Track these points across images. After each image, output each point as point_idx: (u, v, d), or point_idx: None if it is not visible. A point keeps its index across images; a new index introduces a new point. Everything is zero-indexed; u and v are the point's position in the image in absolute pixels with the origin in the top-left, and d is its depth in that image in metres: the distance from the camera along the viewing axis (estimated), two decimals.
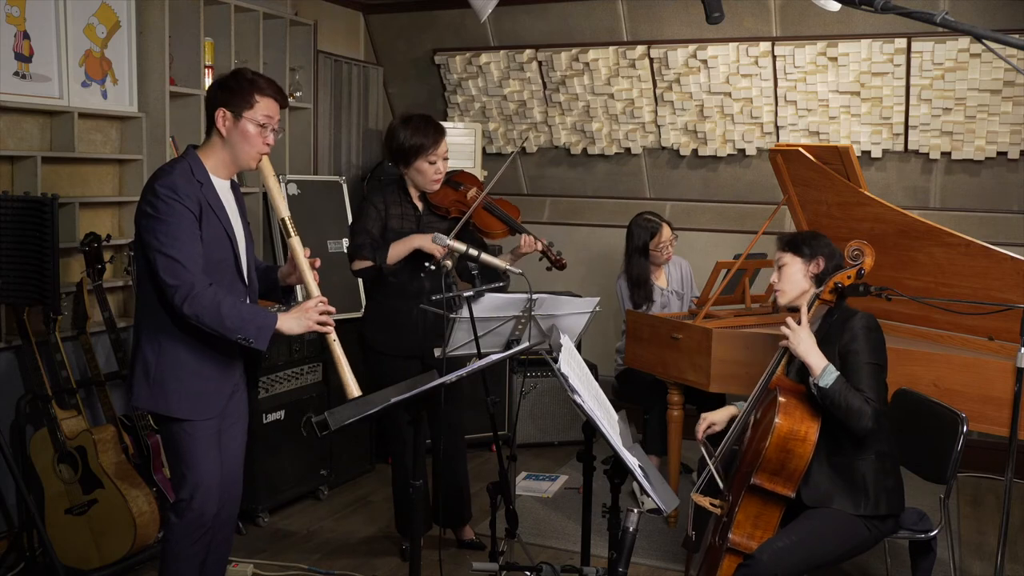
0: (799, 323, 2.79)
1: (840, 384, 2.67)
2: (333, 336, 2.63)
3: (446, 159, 3.48)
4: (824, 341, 2.80)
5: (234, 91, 2.62)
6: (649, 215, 4.56)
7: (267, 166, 2.70)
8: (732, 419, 3.08)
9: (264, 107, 2.63)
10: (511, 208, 3.57)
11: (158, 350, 2.63)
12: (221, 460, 2.75)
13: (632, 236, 4.53)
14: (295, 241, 2.68)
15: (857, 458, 2.77)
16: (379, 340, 3.53)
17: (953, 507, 4.16)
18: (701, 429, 3.03)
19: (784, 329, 2.81)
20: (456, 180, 3.59)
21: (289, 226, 2.67)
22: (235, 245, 2.69)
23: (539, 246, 3.42)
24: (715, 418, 3.06)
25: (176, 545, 2.69)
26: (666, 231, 4.50)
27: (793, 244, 2.94)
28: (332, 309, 2.65)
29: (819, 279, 2.89)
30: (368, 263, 3.42)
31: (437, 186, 3.49)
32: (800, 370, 2.87)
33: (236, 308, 2.54)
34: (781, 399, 2.72)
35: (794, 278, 2.92)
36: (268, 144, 2.67)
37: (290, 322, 2.61)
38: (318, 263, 2.72)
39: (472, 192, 3.52)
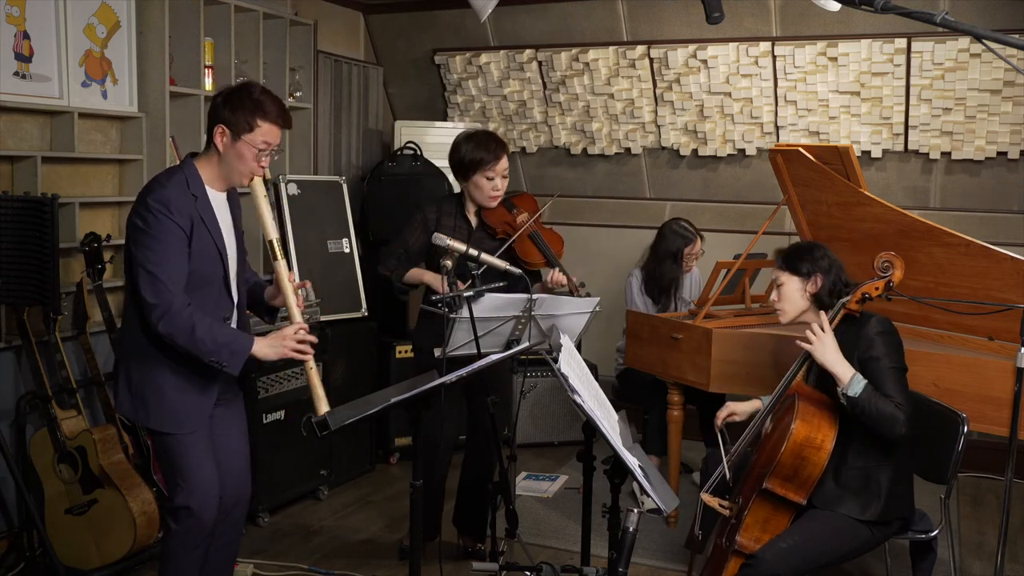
0: (823, 330, 2.75)
1: (869, 392, 2.65)
2: (311, 364, 2.65)
3: (505, 177, 3.49)
4: (841, 348, 2.77)
5: (237, 110, 2.57)
6: (687, 223, 4.59)
7: (259, 186, 2.66)
8: (755, 413, 3.05)
9: (265, 133, 2.59)
10: (555, 238, 3.59)
11: (140, 362, 2.63)
12: (223, 463, 2.74)
13: (666, 239, 4.56)
14: (280, 264, 2.66)
15: (875, 464, 2.76)
16: (420, 339, 3.60)
17: (953, 507, 4.15)
18: (722, 416, 3.02)
19: (809, 334, 2.76)
20: (513, 201, 3.62)
21: (276, 248, 2.64)
22: (225, 260, 2.66)
23: (564, 281, 3.41)
24: (738, 408, 3.05)
25: (175, 551, 2.68)
26: (698, 244, 4.54)
27: (790, 262, 2.90)
28: (312, 338, 2.64)
29: (818, 297, 2.86)
30: (387, 273, 3.54)
31: (494, 203, 3.51)
32: (820, 377, 2.85)
33: (210, 331, 2.51)
34: (799, 405, 2.70)
35: (792, 297, 2.90)
36: (263, 166, 2.63)
37: (265, 348, 2.60)
38: (303, 286, 2.73)
39: (522, 217, 3.55)
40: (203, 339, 2.50)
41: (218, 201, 2.69)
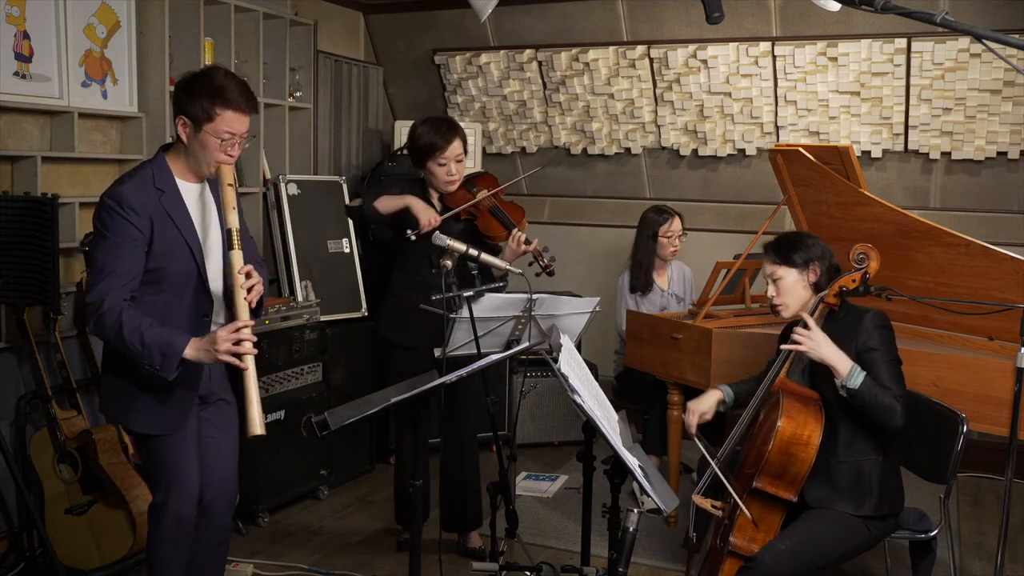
0: (807, 328, 2.74)
1: (869, 383, 2.65)
2: (247, 368, 2.34)
3: (460, 162, 3.47)
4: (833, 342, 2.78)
5: (196, 100, 2.44)
6: (662, 205, 4.66)
7: (225, 173, 2.50)
8: (719, 403, 3.06)
9: (226, 122, 2.44)
10: (516, 210, 3.56)
11: (121, 365, 2.57)
12: (209, 466, 2.70)
13: (644, 223, 4.60)
14: (233, 255, 2.44)
15: (863, 458, 2.76)
16: (390, 332, 3.59)
17: (953, 507, 4.16)
18: (693, 423, 2.98)
19: (796, 338, 2.75)
20: (473, 182, 3.60)
21: (234, 238, 2.45)
22: (197, 256, 2.54)
23: (525, 248, 3.36)
24: (703, 408, 3.01)
25: (158, 548, 2.66)
26: (676, 222, 4.56)
27: (783, 254, 2.86)
28: (251, 338, 2.36)
29: (818, 286, 2.85)
30: (357, 201, 3.48)
31: (452, 188, 3.50)
32: (807, 372, 2.85)
33: (138, 332, 2.35)
34: (784, 403, 2.71)
35: (794, 291, 2.85)
36: (230, 156, 2.50)
37: (199, 352, 2.38)
38: (254, 281, 2.46)
39: (482, 193, 3.53)
40: (130, 340, 2.35)
41: (192, 194, 2.57)
